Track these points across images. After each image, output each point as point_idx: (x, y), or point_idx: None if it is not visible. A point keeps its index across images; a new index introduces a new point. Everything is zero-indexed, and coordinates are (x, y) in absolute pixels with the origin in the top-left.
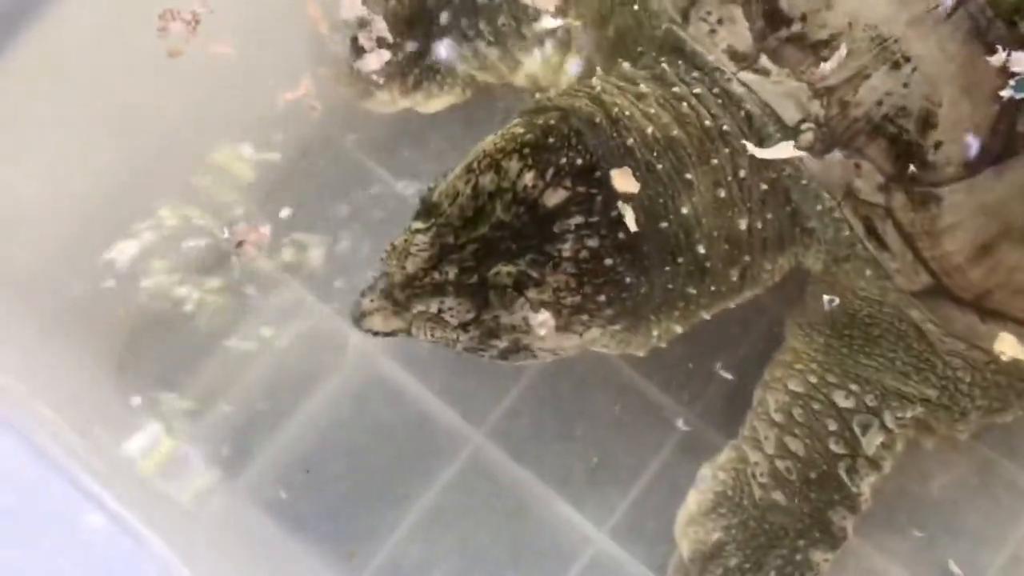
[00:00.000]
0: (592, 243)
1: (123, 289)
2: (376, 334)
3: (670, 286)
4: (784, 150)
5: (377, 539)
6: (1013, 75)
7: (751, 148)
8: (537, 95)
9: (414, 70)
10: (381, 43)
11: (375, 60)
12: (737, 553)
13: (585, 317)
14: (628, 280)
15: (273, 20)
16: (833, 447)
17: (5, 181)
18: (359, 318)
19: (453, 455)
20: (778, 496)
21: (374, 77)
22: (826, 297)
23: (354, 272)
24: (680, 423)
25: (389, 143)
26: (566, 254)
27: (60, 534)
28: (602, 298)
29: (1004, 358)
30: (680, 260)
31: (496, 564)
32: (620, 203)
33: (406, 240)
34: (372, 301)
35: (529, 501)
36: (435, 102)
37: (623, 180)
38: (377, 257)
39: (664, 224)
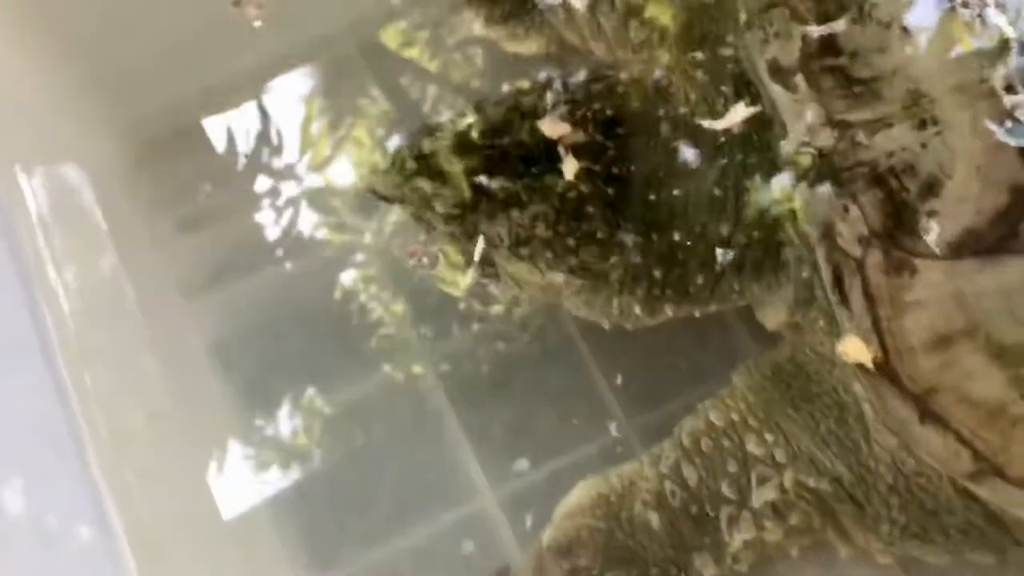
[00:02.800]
0: (583, 188)
1: None
2: (375, 194)
3: (638, 260)
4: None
5: (281, 413)
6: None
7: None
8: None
9: (506, 3)
10: None
11: None
12: (590, 557)
13: (550, 255)
14: (599, 235)
15: None
16: (724, 489)
17: None
18: (367, 175)
19: (395, 366)
20: (653, 518)
21: None
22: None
23: None
24: (613, 428)
25: None
26: (558, 188)
27: None
28: (571, 242)
29: (846, 359)
30: (654, 237)
31: (381, 475)
32: (561, 147)
33: (440, 125)
34: (384, 163)
35: (442, 437)
36: (516, 44)
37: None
38: None
39: (653, 196)
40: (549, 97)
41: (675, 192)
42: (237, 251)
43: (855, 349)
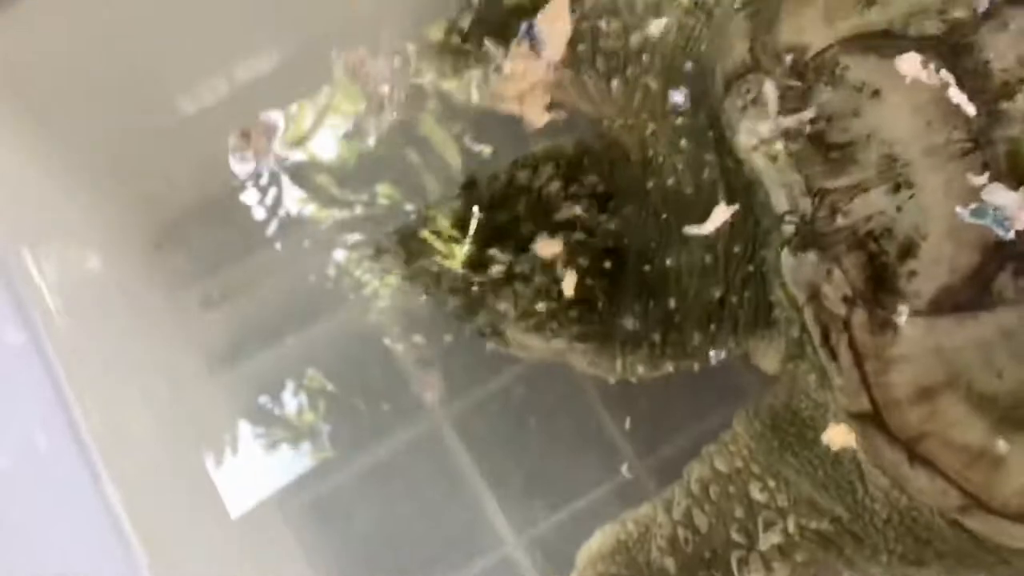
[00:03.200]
0: (583, 261)
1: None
2: (385, 272)
3: (638, 326)
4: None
5: (312, 473)
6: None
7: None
8: (605, 121)
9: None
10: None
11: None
12: None
13: (555, 325)
14: (600, 306)
15: None
16: (733, 534)
17: None
18: (376, 254)
19: (414, 422)
20: (669, 563)
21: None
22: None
23: None
24: (624, 469)
25: None
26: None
27: None
28: (573, 313)
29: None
30: (651, 305)
31: (413, 532)
32: (560, 268)
33: (439, 203)
34: (391, 244)
35: (464, 488)
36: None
37: (546, 247)
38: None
39: (647, 267)
40: (543, 172)
41: (668, 262)
42: (259, 320)
43: (839, 436)
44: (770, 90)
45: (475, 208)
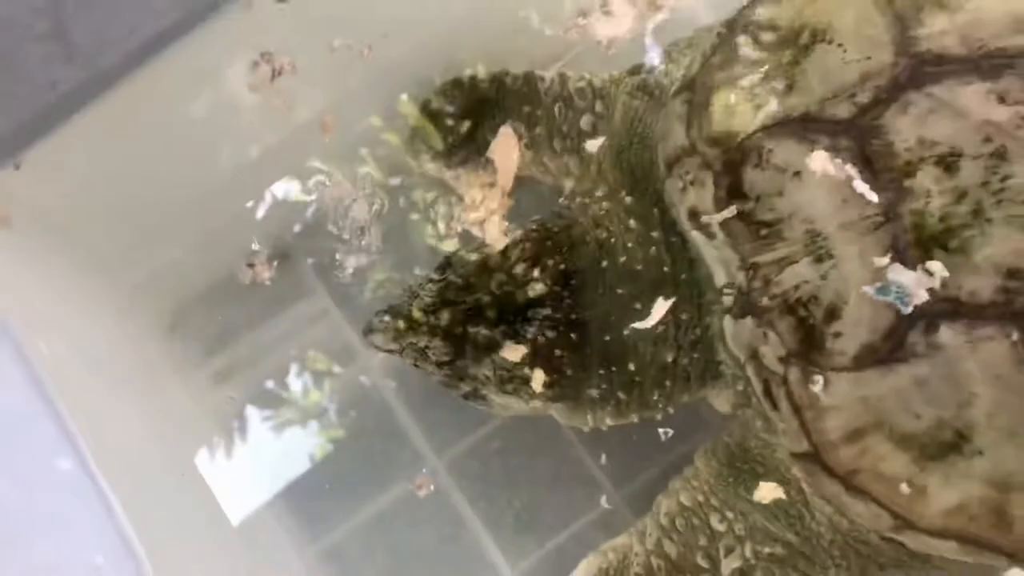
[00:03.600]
0: (550, 334)
1: None
2: (376, 348)
3: (604, 387)
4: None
5: (328, 524)
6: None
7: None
8: (560, 200)
9: (461, 151)
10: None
11: None
12: None
13: (531, 389)
14: (569, 372)
15: None
16: (699, 560)
17: None
18: (367, 332)
19: (412, 472)
20: None
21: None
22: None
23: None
24: (603, 500)
25: None
26: (529, 336)
27: None
28: (547, 378)
29: (764, 501)
30: (614, 370)
31: (417, 571)
32: (527, 369)
33: (420, 285)
34: (380, 323)
35: (461, 529)
36: (473, 179)
37: (512, 351)
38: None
39: (607, 338)
40: (511, 254)
41: (625, 332)
42: (272, 388)
43: (768, 491)
44: (706, 173)
45: (449, 290)
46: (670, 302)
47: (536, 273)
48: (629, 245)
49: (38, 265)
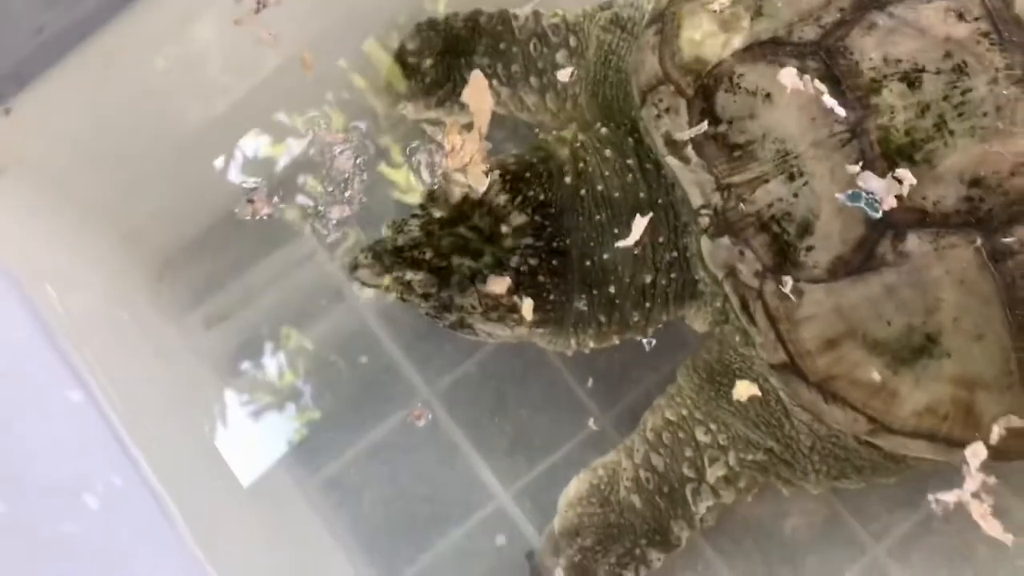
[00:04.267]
0: (533, 262)
1: None
2: (362, 284)
3: (585, 311)
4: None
5: (326, 456)
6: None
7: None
8: (539, 135)
9: (438, 92)
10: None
11: None
12: (593, 536)
13: (516, 316)
14: (552, 297)
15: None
16: (685, 470)
17: None
18: (353, 268)
19: (405, 403)
20: (635, 499)
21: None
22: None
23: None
24: (591, 423)
25: None
26: (512, 264)
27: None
28: (532, 304)
29: (742, 399)
30: (595, 293)
31: (415, 497)
32: (517, 297)
33: (404, 220)
34: (365, 258)
35: (455, 455)
36: (451, 124)
37: (498, 284)
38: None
39: (588, 263)
40: (492, 187)
41: (605, 256)
42: (257, 332)
43: (744, 389)
44: (680, 100)
45: (433, 223)
46: (647, 218)
47: (517, 204)
48: (606, 174)
49: (34, 212)
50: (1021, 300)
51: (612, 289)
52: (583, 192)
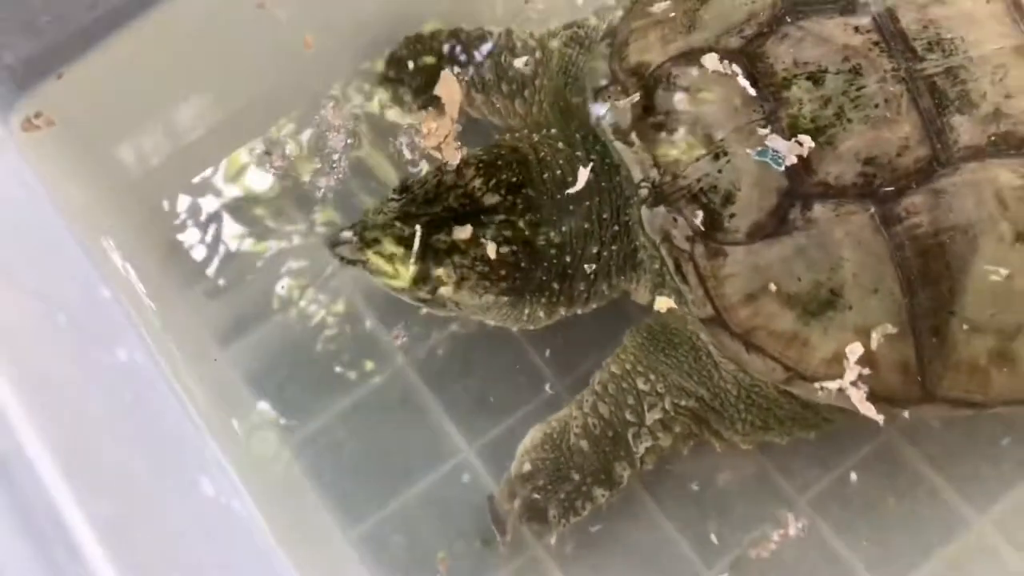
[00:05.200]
0: (507, 233)
1: None
2: (342, 259)
3: (544, 279)
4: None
5: (309, 414)
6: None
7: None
8: (497, 137)
9: (421, 97)
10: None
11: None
12: (545, 478)
13: (487, 283)
14: (522, 264)
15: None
16: (627, 415)
17: None
18: (334, 245)
19: (382, 367)
20: (584, 444)
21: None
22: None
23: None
24: (547, 387)
25: None
26: (488, 236)
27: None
28: (502, 271)
29: (661, 310)
30: (554, 262)
31: (389, 451)
32: (482, 239)
33: (383, 202)
34: (347, 235)
35: (425, 413)
36: (428, 115)
37: (461, 232)
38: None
39: (552, 234)
40: (466, 173)
41: (563, 228)
42: (257, 300)
43: (663, 303)
44: (625, 97)
45: (410, 205)
46: (589, 167)
47: (491, 186)
48: (560, 161)
49: (75, 167)
50: (907, 259)
51: (568, 259)
52: (546, 175)
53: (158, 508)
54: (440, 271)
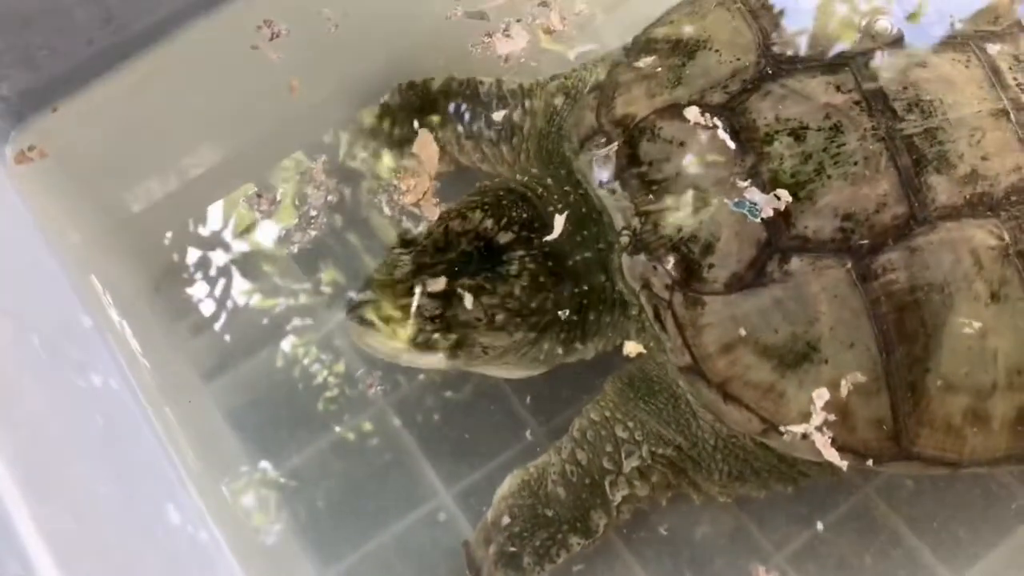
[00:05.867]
0: (531, 266)
1: None
2: (361, 323)
3: (566, 310)
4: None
5: (287, 453)
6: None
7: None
8: (478, 184)
9: (408, 146)
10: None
11: None
12: (521, 525)
13: (518, 319)
14: (550, 295)
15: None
16: (605, 463)
17: None
18: (353, 308)
19: (362, 409)
20: (560, 491)
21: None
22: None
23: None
24: (527, 434)
25: None
26: (513, 272)
27: None
28: (534, 304)
29: (631, 355)
30: (575, 291)
31: (366, 492)
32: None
33: (392, 258)
34: (365, 296)
35: (405, 456)
36: (406, 172)
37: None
38: None
39: (570, 263)
40: (473, 217)
41: (569, 262)
42: (240, 339)
43: (632, 347)
44: (610, 147)
45: (422, 256)
46: (565, 215)
47: (503, 225)
48: (555, 197)
49: (66, 198)
50: (884, 314)
51: (585, 287)
52: (549, 209)
53: (121, 533)
54: (470, 315)
